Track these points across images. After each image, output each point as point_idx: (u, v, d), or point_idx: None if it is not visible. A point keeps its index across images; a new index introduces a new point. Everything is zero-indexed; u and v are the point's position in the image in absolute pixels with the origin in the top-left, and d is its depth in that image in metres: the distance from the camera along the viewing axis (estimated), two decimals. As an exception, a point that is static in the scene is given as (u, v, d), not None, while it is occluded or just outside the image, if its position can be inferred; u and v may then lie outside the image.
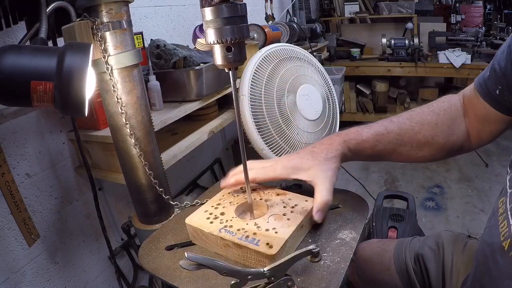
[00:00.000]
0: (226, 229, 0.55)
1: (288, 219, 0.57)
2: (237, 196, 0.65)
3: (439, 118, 0.63)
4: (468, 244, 0.74)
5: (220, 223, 0.57)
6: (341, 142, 0.60)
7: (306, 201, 0.62)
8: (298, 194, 0.65)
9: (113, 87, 0.67)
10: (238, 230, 0.54)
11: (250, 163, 0.63)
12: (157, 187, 0.76)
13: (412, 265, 0.78)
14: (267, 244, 0.51)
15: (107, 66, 0.66)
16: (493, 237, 0.49)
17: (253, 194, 0.63)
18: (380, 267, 0.84)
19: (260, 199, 0.64)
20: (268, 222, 0.57)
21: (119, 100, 0.69)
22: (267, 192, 0.66)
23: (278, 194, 0.65)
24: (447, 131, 0.62)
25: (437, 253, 0.76)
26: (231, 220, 0.57)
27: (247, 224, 0.56)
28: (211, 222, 0.57)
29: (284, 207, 0.61)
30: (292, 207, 0.60)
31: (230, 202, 0.63)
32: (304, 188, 0.68)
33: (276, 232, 0.54)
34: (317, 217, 0.57)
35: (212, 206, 0.62)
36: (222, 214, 0.59)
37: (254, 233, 0.54)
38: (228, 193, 0.66)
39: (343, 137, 0.61)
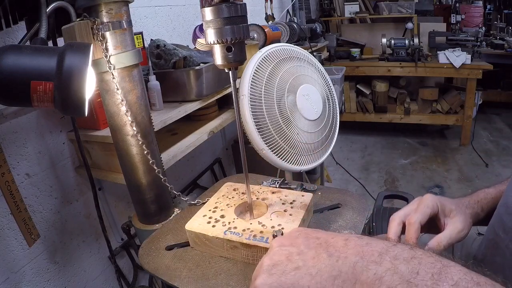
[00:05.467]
0: (231, 231, 0.55)
1: (290, 215, 0.57)
2: (232, 198, 0.65)
3: None
4: (477, 239, 0.75)
5: (223, 225, 0.57)
6: (476, 201, 0.61)
7: (302, 196, 0.62)
8: (292, 191, 0.65)
9: (117, 86, 0.67)
10: (244, 230, 0.55)
11: (400, 215, 0.57)
12: (167, 184, 0.76)
13: None
14: None
15: (109, 65, 0.66)
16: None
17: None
18: None
19: (257, 198, 0.64)
20: (271, 219, 0.57)
21: (123, 100, 0.69)
22: (262, 191, 0.66)
23: (273, 192, 0.65)
24: None
25: None
26: (233, 221, 0.57)
27: (251, 223, 0.56)
28: (213, 226, 0.57)
29: (283, 203, 0.61)
30: (291, 203, 0.61)
31: (227, 204, 0.63)
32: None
33: (282, 228, 0.54)
34: (435, 243, 0.52)
35: (210, 210, 0.62)
36: (222, 216, 0.59)
37: (261, 232, 0.54)
38: (222, 195, 0.66)
39: (476, 197, 0.61)
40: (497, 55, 3.01)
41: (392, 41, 2.82)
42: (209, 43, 0.49)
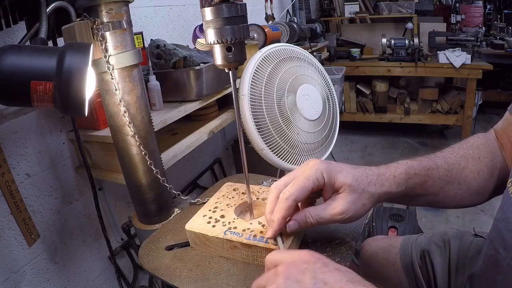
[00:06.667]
0: (231, 231, 0.55)
1: None
2: (232, 198, 0.65)
3: (481, 152, 0.57)
4: (474, 241, 0.74)
5: (223, 225, 0.57)
6: (390, 177, 0.51)
7: None
8: None
9: (115, 87, 0.67)
10: (244, 230, 0.55)
11: (279, 183, 0.51)
12: (166, 184, 0.76)
13: (417, 261, 0.79)
14: None
15: (109, 66, 0.66)
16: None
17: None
18: (385, 262, 0.85)
19: (257, 198, 0.64)
20: None
21: (121, 101, 0.69)
22: (262, 191, 0.66)
23: None
24: (490, 165, 0.57)
25: (443, 249, 0.77)
26: (233, 221, 0.57)
27: (251, 223, 0.56)
28: (213, 226, 0.57)
29: None
30: None
31: (227, 204, 0.63)
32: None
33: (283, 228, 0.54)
34: (291, 225, 0.48)
35: (210, 210, 0.62)
36: (222, 216, 0.59)
37: (261, 232, 0.54)
38: (222, 195, 0.66)
39: (393, 171, 0.52)
40: (497, 55, 3.01)
41: (392, 41, 2.82)
42: (209, 43, 0.49)
